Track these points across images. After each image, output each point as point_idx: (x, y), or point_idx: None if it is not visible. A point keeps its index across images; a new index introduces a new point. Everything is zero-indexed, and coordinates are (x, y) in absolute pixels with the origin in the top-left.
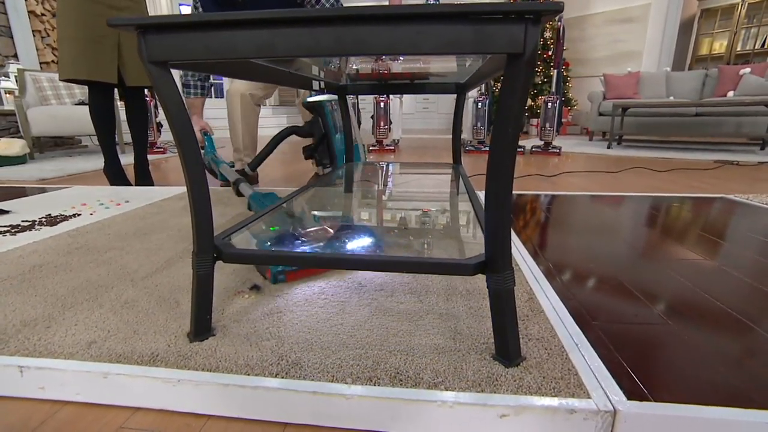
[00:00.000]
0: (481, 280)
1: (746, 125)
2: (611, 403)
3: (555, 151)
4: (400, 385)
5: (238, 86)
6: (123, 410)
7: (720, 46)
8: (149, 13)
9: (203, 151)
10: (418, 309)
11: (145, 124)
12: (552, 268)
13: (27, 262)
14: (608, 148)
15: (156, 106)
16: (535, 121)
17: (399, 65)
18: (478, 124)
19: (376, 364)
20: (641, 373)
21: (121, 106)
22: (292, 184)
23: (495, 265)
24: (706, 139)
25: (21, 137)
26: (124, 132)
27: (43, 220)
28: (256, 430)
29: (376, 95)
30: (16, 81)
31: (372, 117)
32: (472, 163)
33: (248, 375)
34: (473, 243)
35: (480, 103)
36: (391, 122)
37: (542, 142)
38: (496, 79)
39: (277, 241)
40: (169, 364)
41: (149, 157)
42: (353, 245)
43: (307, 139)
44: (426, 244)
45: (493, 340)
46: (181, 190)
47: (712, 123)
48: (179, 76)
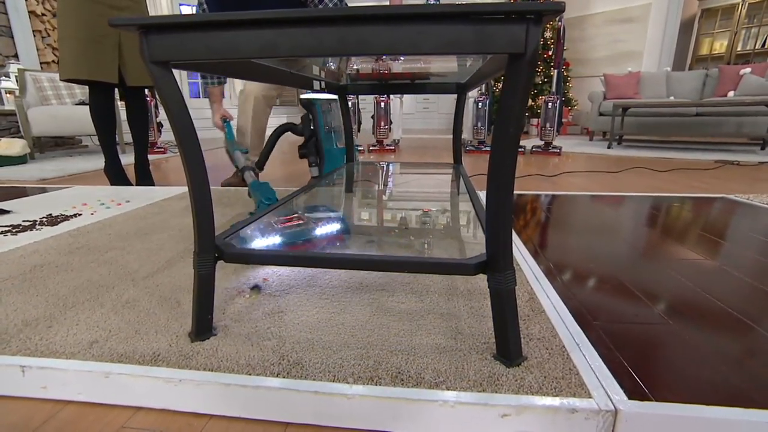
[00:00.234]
0: (481, 279)
1: (747, 125)
2: (612, 403)
3: (555, 151)
4: (402, 384)
5: (253, 87)
6: (125, 410)
7: (720, 46)
8: (149, 13)
9: (225, 138)
10: (419, 309)
11: (145, 124)
12: (552, 267)
13: (28, 262)
14: (608, 148)
15: (156, 106)
16: (535, 121)
17: (399, 65)
18: (479, 124)
19: (378, 364)
20: (642, 373)
21: (121, 106)
22: (292, 184)
23: (496, 264)
24: (706, 139)
25: (21, 137)
26: (125, 132)
27: (44, 220)
28: (258, 429)
29: (376, 95)
30: (17, 81)
31: (372, 117)
32: (473, 163)
33: (250, 375)
34: (474, 243)
35: (480, 103)
36: (391, 122)
37: (542, 142)
38: (497, 79)
39: (259, 231)
40: (171, 364)
41: (150, 157)
42: (324, 231)
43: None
44: (427, 244)
45: (494, 340)
46: (181, 190)
47: (712, 123)
48: None
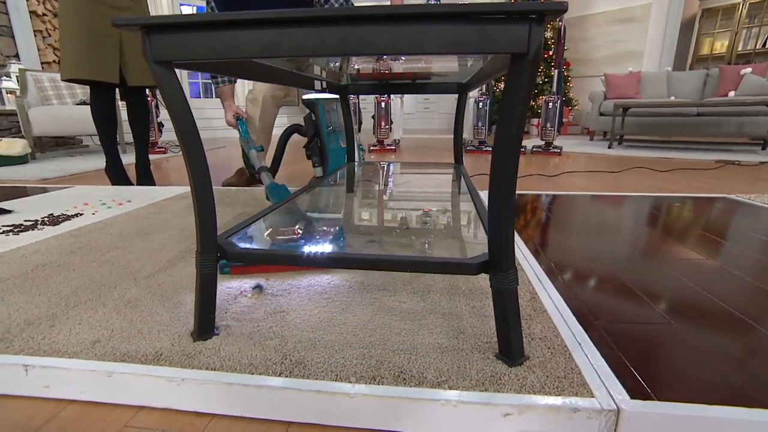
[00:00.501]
0: (483, 279)
1: (747, 125)
2: (615, 402)
3: (556, 151)
4: (404, 384)
5: (262, 87)
6: (127, 409)
7: (721, 46)
8: (150, 14)
9: (240, 137)
10: (421, 308)
11: (146, 124)
12: (554, 267)
13: (30, 262)
14: (609, 148)
15: (157, 106)
16: (536, 121)
17: (400, 65)
18: (479, 124)
19: (380, 363)
20: (644, 373)
21: (122, 106)
22: (294, 184)
23: (498, 264)
24: (707, 139)
25: (22, 137)
26: (126, 132)
27: (46, 219)
28: (260, 429)
29: (377, 95)
30: (18, 81)
31: (373, 117)
32: (473, 162)
33: (252, 374)
34: (475, 243)
35: (481, 103)
36: (391, 122)
37: (543, 142)
38: (497, 79)
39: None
40: (173, 364)
41: (150, 156)
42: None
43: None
44: (428, 244)
45: (495, 339)
46: (182, 189)
47: (713, 123)
48: None
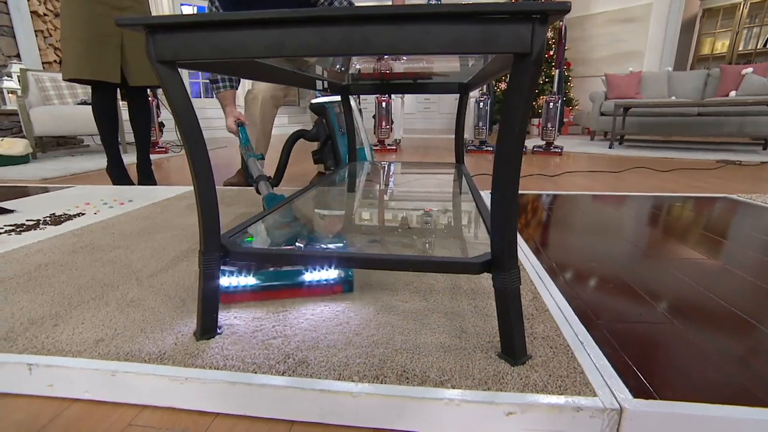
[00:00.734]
0: (485, 279)
1: (748, 125)
2: (617, 401)
3: (557, 150)
4: (407, 383)
5: (261, 87)
6: (131, 408)
7: (722, 46)
8: (151, 13)
9: (240, 144)
10: (423, 308)
11: (147, 124)
12: (555, 267)
13: (32, 261)
14: (610, 148)
15: (158, 106)
16: (536, 121)
17: (402, 65)
18: (480, 124)
19: (383, 363)
20: (647, 372)
21: (123, 106)
22: (295, 184)
23: (501, 264)
24: (708, 139)
25: (24, 137)
26: (127, 132)
27: (48, 219)
28: (263, 428)
29: (377, 95)
30: (19, 81)
31: (374, 117)
32: (474, 162)
33: (255, 373)
34: (477, 243)
35: (482, 103)
36: (392, 122)
37: (544, 142)
38: (498, 79)
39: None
40: (177, 363)
41: (151, 156)
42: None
43: (314, 143)
44: (429, 244)
45: (498, 339)
46: (183, 189)
47: (714, 123)
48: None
